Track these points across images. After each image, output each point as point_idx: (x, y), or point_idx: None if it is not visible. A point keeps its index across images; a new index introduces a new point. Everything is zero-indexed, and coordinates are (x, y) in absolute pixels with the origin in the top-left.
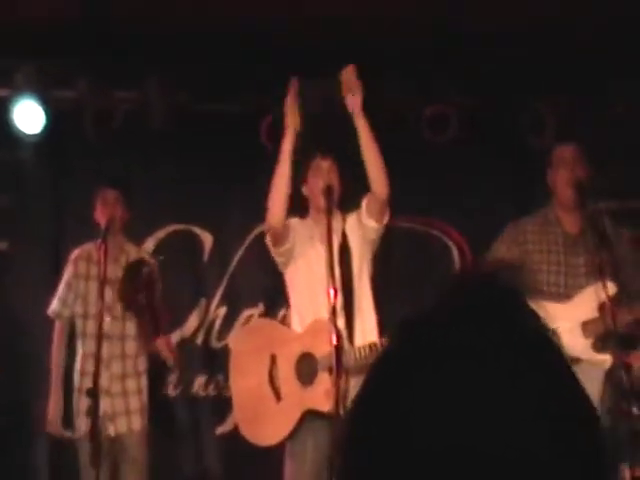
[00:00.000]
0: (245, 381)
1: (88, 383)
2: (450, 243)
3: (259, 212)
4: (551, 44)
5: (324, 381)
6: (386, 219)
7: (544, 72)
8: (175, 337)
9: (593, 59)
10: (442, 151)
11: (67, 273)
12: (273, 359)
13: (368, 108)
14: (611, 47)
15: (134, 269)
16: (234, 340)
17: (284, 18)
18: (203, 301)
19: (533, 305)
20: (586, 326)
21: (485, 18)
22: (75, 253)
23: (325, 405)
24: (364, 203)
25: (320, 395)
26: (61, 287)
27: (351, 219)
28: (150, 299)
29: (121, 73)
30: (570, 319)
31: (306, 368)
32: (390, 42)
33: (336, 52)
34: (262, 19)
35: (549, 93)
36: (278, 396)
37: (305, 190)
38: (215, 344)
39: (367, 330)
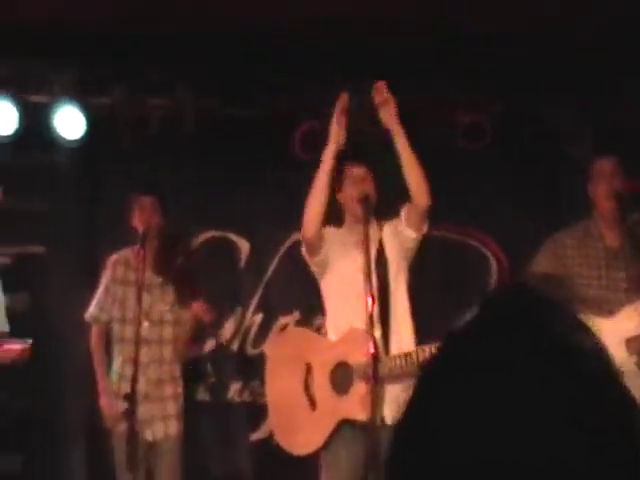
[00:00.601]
0: (280, 389)
1: (126, 388)
2: (488, 254)
3: (295, 219)
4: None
5: (359, 390)
6: (425, 229)
7: (570, 75)
8: (211, 344)
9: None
10: (476, 158)
11: (105, 278)
12: (308, 368)
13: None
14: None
15: (171, 239)
16: (270, 347)
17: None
18: (239, 308)
19: (581, 317)
20: (630, 343)
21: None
22: (113, 258)
23: (360, 414)
24: (403, 212)
25: (355, 404)
26: (99, 292)
27: (388, 227)
28: (187, 266)
29: (154, 80)
30: (613, 335)
31: (341, 377)
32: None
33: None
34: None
35: (580, 99)
36: (313, 405)
37: (340, 198)
38: (250, 351)
39: (403, 339)
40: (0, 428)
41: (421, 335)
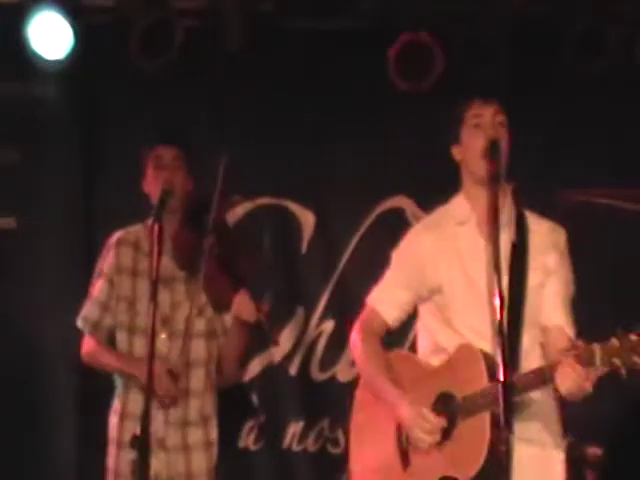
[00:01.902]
0: (366, 450)
1: (133, 429)
2: None
3: (387, 179)
4: None
5: (467, 434)
6: None
7: None
8: (258, 364)
9: None
10: None
11: (106, 265)
12: None
13: None
14: None
15: (201, 209)
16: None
17: None
18: (300, 311)
19: None
20: None
21: None
22: (117, 236)
23: (468, 470)
24: None
25: (459, 455)
26: (97, 285)
27: None
28: (224, 247)
29: None
30: None
31: (441, 414)
32: None
33: None
34: None
35: None
36: (406, 463)
37: (457, 153)
38: (317, 375)
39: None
40: None
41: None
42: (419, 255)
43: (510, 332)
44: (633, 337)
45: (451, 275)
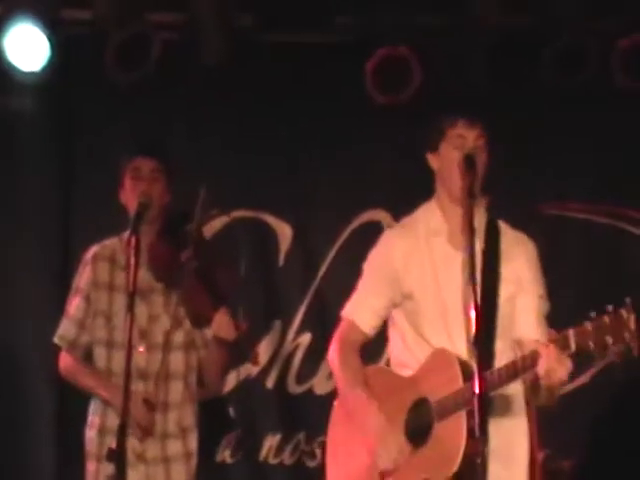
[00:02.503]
0: (342, 465)
1: (109, 443)
2: None
3: (364, 192)
4: None
5: (441, 440)
6: None
7: None
8: (234, 377)
9: None
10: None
11: (82, 281)
12: None
13: None
14: None
15: (178, 222)
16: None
17: None
18: (278, 324)
19: None
20: None
21: None
22: (93, 251)
23: (445, 472)
24: None
25: (434, 462)
26: (73, 303)
27: None
28: (200, 259)
29: None
30: None
31: (416, 421)
32: None
33: None
34: None
35: None
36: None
37: (433, 161)
38: (294, 388)
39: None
40: None
41: None
42: (393, 259)
43: (484, 340)
44: (605, 319)
45: (423, 282)
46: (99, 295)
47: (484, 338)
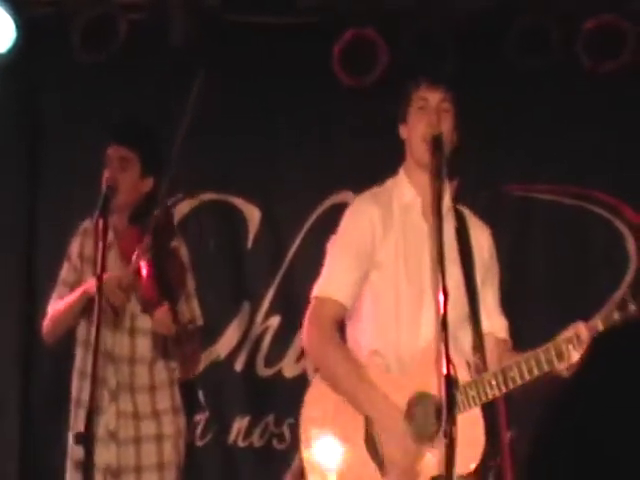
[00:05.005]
0: (326, 447)
1: (81, 425)
2: (622, 227)
3: (333, 174)
4: None
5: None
6: None
7: None
8: (202, 360)
9: None
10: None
11: (73, 251)
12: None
13: None
14: None
15: (143, 208)
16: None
17: None
18: (246, 306)
19: None
20: None
21: None
22: (84, 226)
23: (468, 464)
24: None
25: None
26: (63, 270)
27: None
28: (160, 250)
29: None
30: None
31: (421, 416)
32: None
33: None
34: None
35: None
36: (383, 469)
37: (403, 132)
38: (263, 371)
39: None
40: None
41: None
42: (367, 222)
43: (473, 321)
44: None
45: (394, 255)
46: (84, 268)
47: (472, 319)
